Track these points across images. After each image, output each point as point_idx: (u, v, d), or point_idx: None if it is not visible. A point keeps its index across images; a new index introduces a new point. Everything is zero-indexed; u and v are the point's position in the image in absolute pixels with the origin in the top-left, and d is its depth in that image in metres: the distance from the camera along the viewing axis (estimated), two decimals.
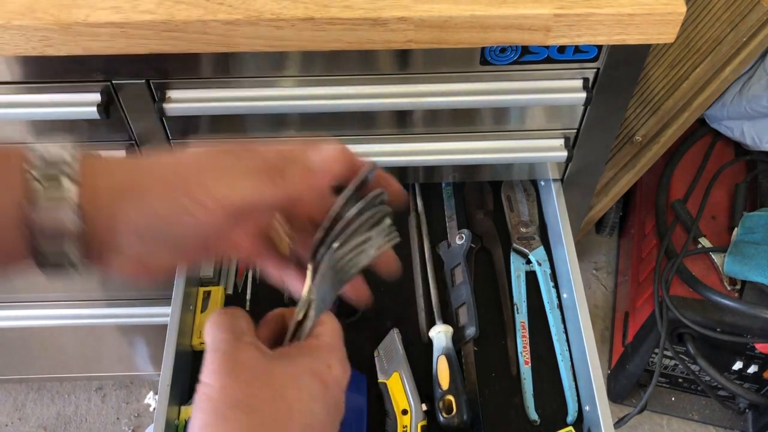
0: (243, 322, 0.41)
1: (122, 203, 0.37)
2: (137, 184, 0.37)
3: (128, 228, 0.37)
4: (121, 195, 0.37)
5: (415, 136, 0.79)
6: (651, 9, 0.62)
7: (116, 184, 0.37)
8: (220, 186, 0.38)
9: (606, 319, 1.51)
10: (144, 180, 0.38)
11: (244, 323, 0.41)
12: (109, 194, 0.37)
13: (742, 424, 1.34)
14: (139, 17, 0.61)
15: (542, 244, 0.85)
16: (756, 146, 1.22)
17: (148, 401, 1.43)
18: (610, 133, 0.80)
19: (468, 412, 0.70)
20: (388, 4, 0.62)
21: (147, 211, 0.37)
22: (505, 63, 0.70)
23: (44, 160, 0.36)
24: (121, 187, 0.37)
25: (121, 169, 0.38)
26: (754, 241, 1.07)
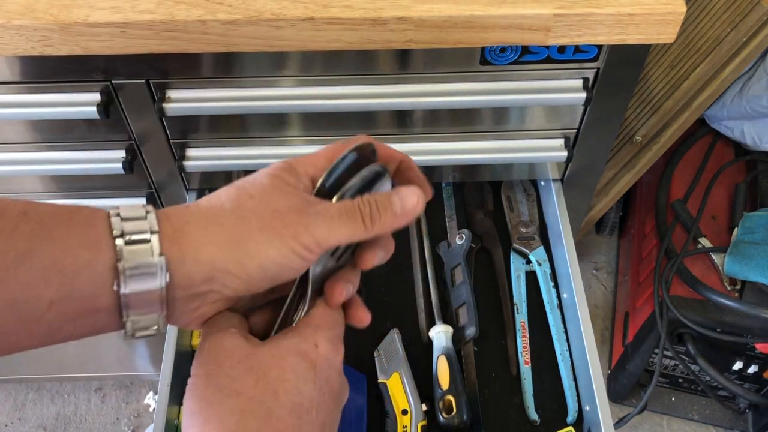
0: (233, 319, 0.42)
1: (230, 256, 0.39)
2: (239, 236, 0.39)
3: (237, 275, 0.39)
4: (228, 250, 0.39)
5: (414, 136, 0.79)
6: (651, 9, 0.62)
7: (217, 242, 0.39)
8: (322, 230, 0.40)
9: (606, 319, 1.51)
10: (244, 230, 0.40)
11: (234, 320, 0.42)
12: (213, 251, 0.39)
13: (742, 425, 1.34)
14: (139, 17, 0.61)
15: (542, 244, 0.85)
16: (756, 146, 1.22)
17: (148, 401, 1.42)
18: (610, 133, 0.80)
19: (468, 412, 0.70)
20: (388, 4, 0.62)
21: (262, 257, 0.39)
22: (505, 63, 0.70)
23: (125, 229, 0.38)
24: (224, 243, 0.39)
25: (212, 225, 0.40)
26: (754, 241, 1.07)
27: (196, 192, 0.86)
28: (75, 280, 0.36)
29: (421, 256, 0.85)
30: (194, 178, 0.85)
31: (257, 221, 0.40)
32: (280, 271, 0.40)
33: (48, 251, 0.35)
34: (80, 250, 0.36)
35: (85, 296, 0.36)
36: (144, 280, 0.37)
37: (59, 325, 0.36)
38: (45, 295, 0.35)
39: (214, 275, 0.39)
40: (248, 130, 0.78)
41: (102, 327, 0.39)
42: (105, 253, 0.37)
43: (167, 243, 0.38)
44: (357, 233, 0.42)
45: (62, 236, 0.36)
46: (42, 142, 0.78)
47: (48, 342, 0.37)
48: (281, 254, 0.40)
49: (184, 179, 0.84)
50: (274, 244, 0.39)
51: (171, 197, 0.87)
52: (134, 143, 0.78)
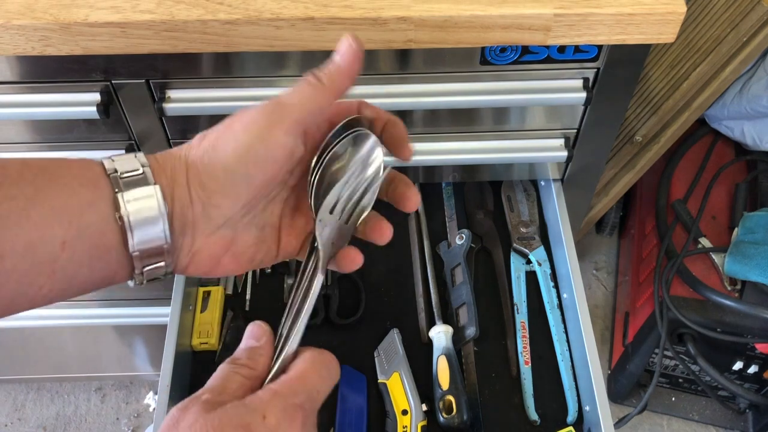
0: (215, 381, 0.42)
1: (202, 157, 0.42)
2: (210, 144, 0.43)
3: (208, 183, 0.41)
4: (202, 157, 0.42)
5: (415, 136, 0.79)
6: (651, 9, 0.62)
7: (193, 157, 0.42)
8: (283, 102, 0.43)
9: (606, 319, 1.51)
10: (214, 140, 0.43)
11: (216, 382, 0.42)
12: (186, 170, 0.42)
13: (743, 425, 1.34)
14: (139, 17, 0.61)
15: (542, 244, 0.85)
16: (756, 146, 1.22)
17: (148, 401, 1.42)
18: (610, 133, 0.80)
19: (468, 413, 0.70)
20: (388, 3, 0.62)
21: (231, 144, 0.42)
22: (505, 63, 0.70)
23: (118, 167, 0.40)
24: (199, 155, 0.42)
25: (190, 148, 0.43)
26: (755, 241, 1.07)
27: None
28: (82, 218, 0.38)
29: (421, 256, 0.85)
30: None
31: (217, 133, 0.43)
32: (256, 154, 0.42)
33: (54, 193, 0.38)
34: (82, 189, 0.39)
35: (94, 233, 0.39)
36: (143, 209, 0.39)
37: (74, 268, 0.38)
38: (57, 234, 0.37)
39: (192, 195, 0.41)
40: None
41: (115, 271, 0.40)
42: (104, 189, 0.39)
43: (156, 174, 0.41)
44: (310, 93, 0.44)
45: (64, 179, 0.38)
46: (42, 142, 0.78)
47: (66, 290, 0.39)
48: (241, 144, 0.42)
49: None
50: (230, 139, 0.42)
51: None
52: (134, 143, 0.78)
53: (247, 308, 0.82)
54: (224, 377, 0.42)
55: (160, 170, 0.41)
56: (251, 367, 0.42)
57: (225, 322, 0.81)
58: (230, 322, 0.80)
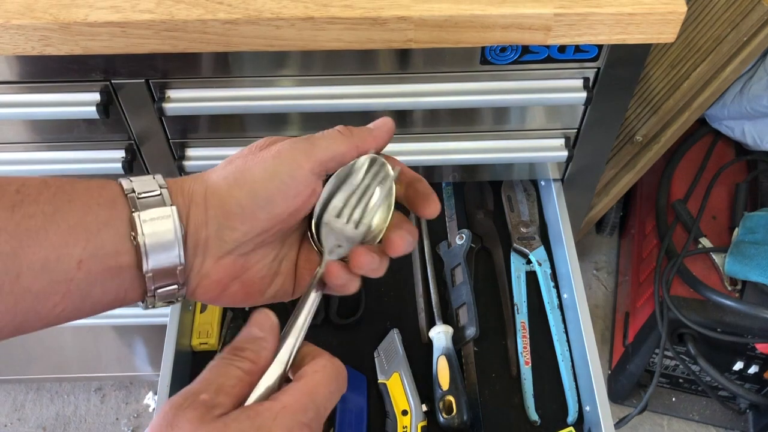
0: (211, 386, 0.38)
1: (220, 187, 0.42)
2: (230, 174, 0.43)
3: (227, 205, 0.42)
4: (219, 186, 0.42)
5: (415, 136, 0.79)
6: (651, 8, 0.62)
7: (211, 183, 0.42)
8: (304, 146, 0.44)
9: (606, 319, 1.51)
10: (234, 170, 0.43)
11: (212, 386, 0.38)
12: (208, 192, 0.42)
13: (743, 425, 1.34)
14: (139, 17, 0.61)
15: (542, 244, 0.85)
16: (756, 146, 1.22)
17: (148, 402, 1.42)
18: (610, 133, 0.80)
19: (468, 413, 0.70)
20: (388, 3, 0.61)
21: (247, 178, 0.42)
22: (506, 63, 0.70)
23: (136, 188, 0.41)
24: (217, 182, 0.42)
25: (205, 174, 0.43)
26: (755, 241, 1.07)
27: None
28: (98, 237, 0.38)
29: (421, 256, 0.85)
30: None
31: (243, 161, 0.43)
32: (271, 195, 0.42)
33: (72, 211, 0.38)
34: (99, 209, 0.39)
35: (109, 253, 0.39)
36: (160, 230, 0.40)
37: (88, 287, 0.39)
38: (74, 253, 0.37)
39: (209, 215, 0.42)
40: (248, 130, 0.78)
41: (126, 291, 0.41)
42: (121, 209, 0.40)
43: (173, 196, 0.41)
44: (339, 142, 0.45)
45: (82, 198, 0.39)
46: (41, 142, 0.78)
47: (80, 310, 0.39)
48: (267, 171, 0.42)
49: None
50: (258, 168, 0.42)
51: None
52: (134, 143, 0.78)
53: (246, 308, 0.82)
54: (222, 372, 0.38)
55: (177, 190, 0.42)
56: (253, 361, 0.39)
57: (225, 322, 0.81)
58: (230, 322, 0.80)
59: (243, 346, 0.40)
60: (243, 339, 0.40)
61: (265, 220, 0.42)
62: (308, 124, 0.77)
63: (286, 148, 0.43)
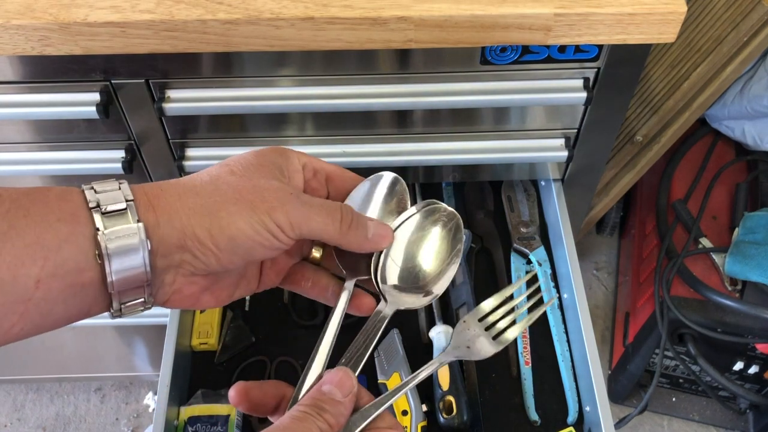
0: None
1: (200, 223, 0.39)
2: (212, 205, 0.40)
3: (206, 245, 0.39)
4: (199, 217, 0.39)
5: (415, 136, 0.79)
6: (652, 8, 0.62)
7: (189, 208, 0.40)
8: (298, 212, 0.41)
9: (607, 319, 1.51)
10: (218, 200, 0.40)
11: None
12: (185, 218, 0.39)
13: (743, 425, 1.34)
14: (139, 17, 0.61)
15: (543, 244, 0.85)
16: (757, 146, 1.22)
17: (148, 402, 1.42)
18: (610, 133, 0.80)
19: (468, 413, 0.70)
20: (388, 3, 0.61)
21: (232, 228, 0.39)
22: (506, 63, 0.70)
23: (100, 200, 0.38)
24: (196, 210, 0.40)
25: (187, 194, 0.40)
26: (755, 241, 1.07)
27: None
28: (58, 255, 0.36)
29: None
30: None
31: (233, 193, 0.40)
32: (252, 246, 0.40)
33: (28, 228, 0.35)
34: (59, 224, 0.36)
35: (70, 271, 0.36)
36: (125, 247, 0.37)
37: (49, 306, 0.36)
38: (31, 272, 0.35)
39: (186, 242, 0.39)
40: (248, 130, 0.78)
41: (90, 306, 0.39)
42: (84, 225, 0.37)
43: (143, 210, 0.39)
44: (330, 230, 0.42)
45: (40, 212, 0.36)
46: (41, 142, 0.78)
47: (40, 327, 0.37)
48: (252, 227, 0.40)
49: None
50: (245, 215, 0.40)
51: None
52: (134, 143, 0.78)
53: (246, 308, 0.82)
54: (304, 427, 0.39)
55: (147, 205, 0.39)
56: (330, 426, 0.40)
57: (224, 322, 0.81)
58: (230, 322, 0.80)
59: (324, 406, 0.40)
60: (325, 399, 0.41)
61: (239, 262, 0.41)
62: (308, 124, 0.77)
63: (276, 207, 0.40)
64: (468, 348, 0.45)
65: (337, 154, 0.79)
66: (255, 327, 0.81)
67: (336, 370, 0.42)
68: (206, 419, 0.72)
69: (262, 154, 0.44)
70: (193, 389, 0.77)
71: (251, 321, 0.81)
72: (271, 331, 0.81)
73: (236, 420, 0.72)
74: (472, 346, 0.45)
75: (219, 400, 0.74)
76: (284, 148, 0.45)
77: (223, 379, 0.78)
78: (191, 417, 0.72)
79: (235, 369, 0.79)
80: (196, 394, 0.75)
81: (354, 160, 0.79)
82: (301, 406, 0.40)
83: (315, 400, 0.40)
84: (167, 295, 0.41)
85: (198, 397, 0.75)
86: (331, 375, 0.42)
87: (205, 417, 0.72)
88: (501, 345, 0.46)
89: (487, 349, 0.45)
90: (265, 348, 0.80)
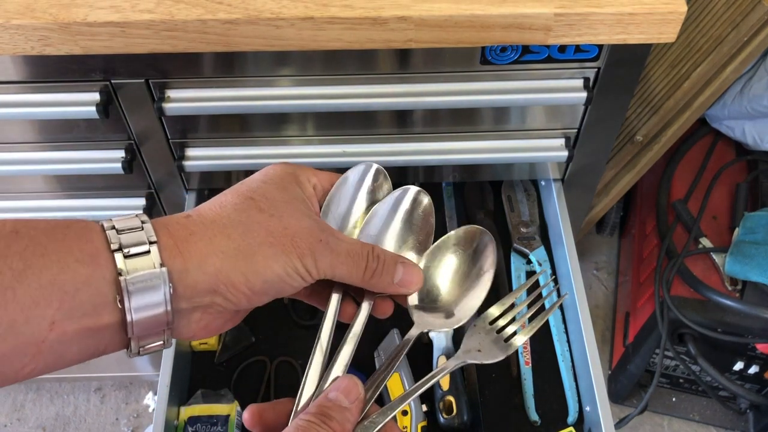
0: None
1: (235, 267, 0.39)
2: (246, 249, 0.39)
3: (240, 289, 0.39)
4: (234, 261, 0.39)
5: (415, 136, 0.79)
6: (652, 8, 0.62)
7: (222, 252, 0.39)
8: (326, 261, 0.41)
9: (607, 319, 1.51)
10: (252, 243, 0.39)
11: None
12: (218, 263, 0.39)
13: (743, 425, 1.34)
14: (138, 17, 0.61)
15: (543, 244, 0.84)
16: (757, 146, 1.22)
17: (148, 402, 1.42)
18: (610, 133, 0.80)
19: (468, 413, 0.70)
20: (388, 3, 0.61)
21: (268, 273, 0.39)
22: (506, 62, 0.70)
23: (123, 241, 0.37)
24: (229, 254, 0.39)
25: (217, 237, 0.39)
26: (755, 241, 1.06)
27: (196, 192, 0.86)
28: (75, 297, 0.35)
29: None
30: (194, 178, 0.84)
31: (266, 235, 0.40)
32: (282, 287, 0.41)
33: (45, 268, 0.34)
34: (78, 266, 0.35)
35: (88, 313, 0.35)
36: (147, 292, 0.36)
37: (63, 347, 0.35)
38: (46, 314, 0.34)
39: (218, 287, 0.39)
40: (248, 130, 0.78)
41: (107, 347, 0.38)
42: (104, 267, 0.36)
43: (168, 253, 0.38)
44: (354, 279, 0.43)
45: (58, 252, 0.35)
46: (41, 142, 0.78)
47: (53, 366, 0.36)
48: (285, 271, 0.40)
49: (183, 179, 0.84)
50: (281, 260, 0.40)
51: (170, 197, 0.87)
52: (134, 143, 0.78)
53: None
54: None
55: (174, 249, 0.38)
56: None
57: None
58: None
59: (330, 414, 0.40)
60: (331, 405, 0.41)
61: (268, 299, 0.41)
62: (308, 123, 0.77)
63: (306, 254, 0.40)
64: (479, 351, 0.46)
65: (337, 154, 0.79)
66: (255, 327, 0.81)
67: (343, 377, 0.43)
68: (206, 419, 0.72)
69: (283, 188, 0.43)
70: (193, 389, 0.77)
71: (251, 321, 0.81)
72: (271, 331, 0.81)
73: (236, 420, 0.72)
74: (483, 349, 0.46)
75: (219, 400, 0.74)
76: (295, 171, 0.45)
77: (223, 379, 0.78)
78: (191, 417, 0.72)
79: (235, 369, 0.79)
80: (196, 394, 0.75)
81: (354, 160, 0.78)
82: (306, 415, 0.40)
83: (321, 407, 0.40)
84: (192, 331, 0.41)
85: (198, 397, 0.75)
86: (337, 383, 0.42)
87: (205, 417, 0.72)
88: (512, 349, 0.46)
89: (497, 352, 0.46)
90: (265, 348, 0.80)
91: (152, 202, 0.87)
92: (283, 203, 0.42)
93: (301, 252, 0.40)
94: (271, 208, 0.41)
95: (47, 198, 0.86)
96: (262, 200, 0.41)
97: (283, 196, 0.42)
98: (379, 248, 0.44)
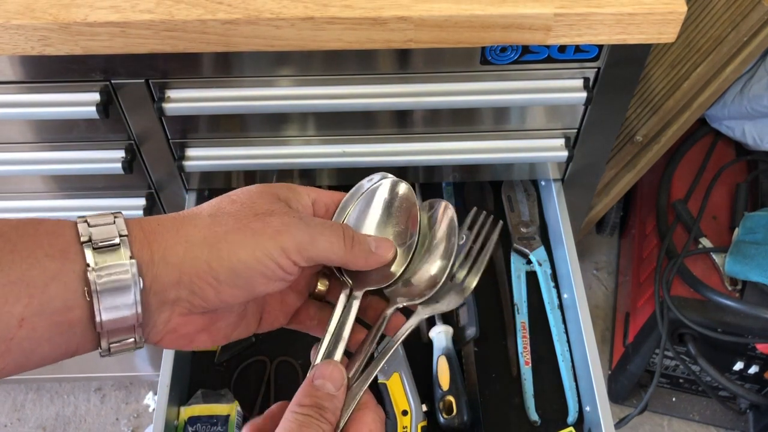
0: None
1: (198, 255, 0.38)
2: (212, 237, 0.38)
3: (204, 279, 0.38)
4: (197, 250, 0.38)
5: (415, 136, 0.79)
6: (652, 8, 0.62)
7: (187, 241, 0.38)
8: (303, 235, 0.40)
9: (607, 319, 1.51)
10: (218, 231, 0.39)
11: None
12: (182, 252, 0.38)
13: (743, 425, 1.34)
14: (138, 17, 0.61)
15: (543, 244, 0.85)
16: (757, 146, 1.22)
17: (148, 402, 1.42)
18: (610, 133, 0.80)
19: (468, 413, 0.70)
20: (388, 3, 0.61)
21: (233, 259, 0.38)
22: (506, 63, 0.70)
23: (93, 235, 0.36)
24: (194, 243, 0.38)
25: (184, 227, 0.39)
26: (755, 241, 1.06)
27: (196, 192, 0.86)
28: (45, 293, 0.34)
29: None
30: (194, 178, 0.84)
31: (234, 222, 0.39)
32: (253, 277, 0.39)
33: (14, 265, 0.34)
34: (47, 260, 0.35)
35: (57, 309, 0.35)
36: (115, 284, 0.36)
37: (33, 345, 0.35)
38: (14, 311, 0.34)
39: (182, 278, 0.38)
40: (248, 130, 0.78)
41: (77, 345, 0.37)
42: (74, 261, 0.36)
43: (138, 246, 0.37)
44: (336, 248, 0.41)
45: (28, 248, 0.35)
46: (41, 142, 0.78)
47: (23, 366, 0.36)
48: (254, 257, 0.38)
49: (183, 179, 0.84)
50: (247, 245, 0.38)
51: (170, 197, 0.87)
52: (134, 143, 0.78)
53: None
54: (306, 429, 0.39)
55: (143, 241, 0.37)
56: (331, 423, 0.40)
57: None
58: None
59: (323, 404, 0.40)
60: (321, 395, 0.40)
61: (240, 296, 0.40)
62: (308, 124, 0.77)
63: (281, 231, 0.39)
64: (437, 303, 0.48)
65: (337, 154, 0.79)
66: None
67: (326, 363, 0.42)
68: (206, 419, 0.72)
69: (266, 185, 0.43)
70: (193, 389, 0.77)
71: None
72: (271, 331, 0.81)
73: (236, 420, 0.72)
74: (441, 299, 0.48)
75: (219, 400, 0.74)
76: (293, 184, 0.45)
77: (223, 379, 0.78)
78: (191, 417, 0.72)
79: (235, 369, 0.79)
80: (196, 394, 0.75)
81: (354, 160, 0.79)
82: (302, 408, 0.39)
83: (313, 398, 0.40)
84: (160, 334, 0.40)
85: (198, 397, 0.75)
86: (321, 368, 0.41)
87: (205, 417, 0.72)
88: (467, 291, 0.48)
89: (455, 298, 0.48)
90: (265, 348, 0.80)
91: (152, 202, 0.87)
92: (259, 194, 0.41)
93: (275, 230, 0.39)
94: (245, 198, 0.41)
95: (47, 198, 0.86)
96: (237, 194, 0.41)
97: (261, 189, 0.42)
98: (348, 226, 0.44)
